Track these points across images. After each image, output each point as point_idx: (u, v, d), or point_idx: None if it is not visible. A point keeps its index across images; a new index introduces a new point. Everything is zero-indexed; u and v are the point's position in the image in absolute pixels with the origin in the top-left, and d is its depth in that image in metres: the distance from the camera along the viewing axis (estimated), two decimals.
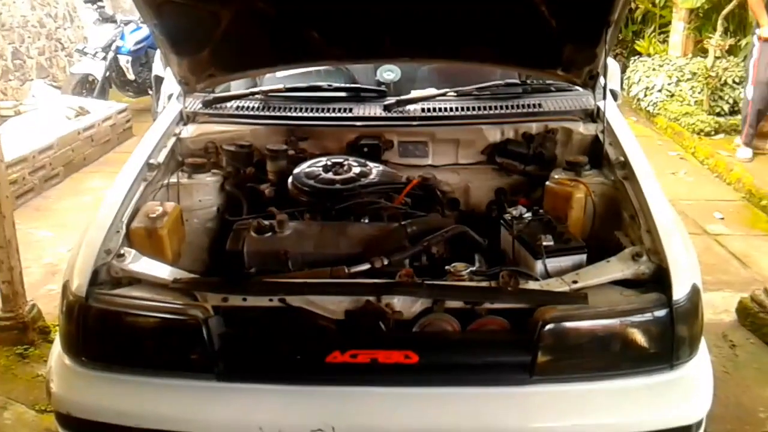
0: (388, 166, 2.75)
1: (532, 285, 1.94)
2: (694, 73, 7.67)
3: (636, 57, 8.82)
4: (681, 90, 7.68)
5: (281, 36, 2.57)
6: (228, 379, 1.87)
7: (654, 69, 8.13)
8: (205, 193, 2.56)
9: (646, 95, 8.03)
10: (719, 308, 3.67)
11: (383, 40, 2.59)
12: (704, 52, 7.89)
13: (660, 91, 7.82)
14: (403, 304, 1.90)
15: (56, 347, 2.05)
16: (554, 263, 2.06)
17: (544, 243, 2.05)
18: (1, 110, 7.91)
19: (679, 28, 8.39)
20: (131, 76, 8.39)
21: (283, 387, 1.87)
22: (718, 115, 7.24)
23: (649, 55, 8.70)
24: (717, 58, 7.27)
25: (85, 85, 8.15)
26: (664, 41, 8.94)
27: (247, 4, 2.37)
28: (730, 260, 4.36)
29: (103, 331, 1.94)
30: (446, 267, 2.01)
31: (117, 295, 1.95)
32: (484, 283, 1.95)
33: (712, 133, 6.94)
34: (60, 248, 4.56)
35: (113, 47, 8.16)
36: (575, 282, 1.93)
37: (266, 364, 1.90)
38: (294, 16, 2.48)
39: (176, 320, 1.88)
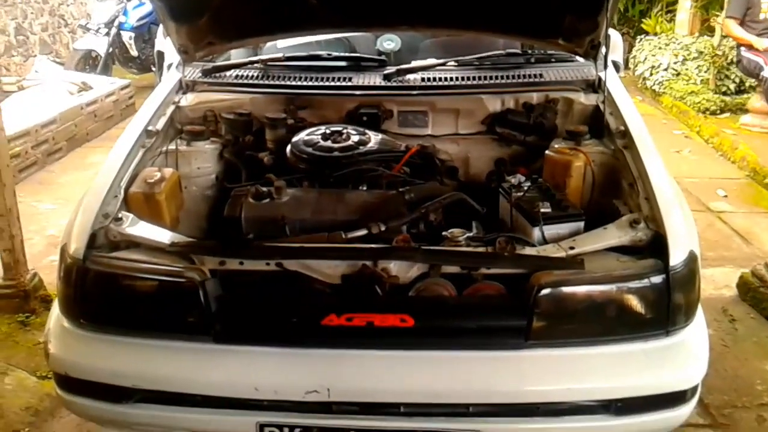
0: (388, 135, 2.74)
1: (528, 250, 1.93)
2: (701, 52, 7.62)
3: (642, 36, 8.76)
4: (687, 69, 7.63)
5: (280, 3, 2.55)
6: (224, 341, 1.88)
7: (660, 48, 8.08)
8: (203, 160, 2.56)
9: (651, 74, 7.99)
10: (720, 283, 3.67)
11: (383, 8, 2.57)
12: (711, 31, 7.83)
13: (666, 70, 7.78)
14: (400, 269, 1.90)
15: (54, 310, 2.06)
16: (552, 230, 2.05)
17: (542, 210, 2.05)
18: (4, 85, 7.93)
19: (686, 7, 8.33)
20: (134, 53, 8.37)
21: (279, 349, 1.87)
22: (724, 94, 7.20)
23: (655, 34, 8.63)
24: (723, 36, 7.21)
25: (88, 61, 8.14)
26: (671, 20, 8.87)
27: None
28: (732, 237, 4.35)
29: (100, 293, 1.95)
30: (443, 233, 2.01)
31: (114, 257, 1.96)
32: (480, 249, 1.95)
33: (718, 111, 6.90)
34: (63, 220, 4.50)
35: (116, 23, 8.15)
36: (572, 248, 1.92)
37: (262, 327, 1.90)
38: None
39: (173, 282, 1.89)
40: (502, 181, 2.59)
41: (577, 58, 2.80)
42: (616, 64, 3.25)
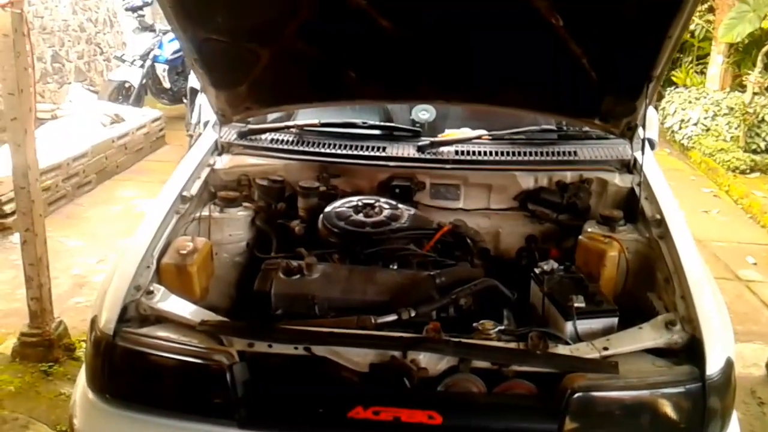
0: (419, 207, 2.74)
1: (561, 349, 1.90)
2: (731, 108, 7.57)
3: (672, 87, 8.73)
4: (717, 125, 7.58)
5: (319, 74, 2.57)
6: (249, 426, 1.86)
7: (690, 102, 8.05)
8: (235, 227, 2.57)
9: (681, 128, 7.95)
10: (748, 361, 3.59)
11: (420, 81, 2.58)
12: (742, 87, 7.78)
13: (696, 124, 7.74)
14: (429, 361, 1.88)
15: (81, 379, 2.06)
16: (585, 325, 2.02)
17: (576, 304, 2.02)
18: (38, 113, 8.04)
19: (717, 61, 8.30)
20: (167, 85, 8.51)
21: None
22: (755, 152, 7.14)
23: (685, 86, 8.61)
24: (755, 94, 7.18)
25: (122, 92, 8.28)
26: (702, 72, 8.84)
27: (287, 44, 2.37)
28: (762, 309, 4.28)
29: (128, 369, 1.95)
30: (474, 324, 1.99)
31: (143, 335, 1.96)
32: (512, 344, 1.92)
33: (748, 171, 6.84)
34: (89, 259, 4.63)
35: (151, 56, 8.30)
36: (606, 348, 1.89)
37: (288, 415, 1.88)
38: (332, 55, 2.48)
39: (201, 364, 1.88)
40: (533, 259, 2.59)
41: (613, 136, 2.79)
42: (651, 142, 3.23)
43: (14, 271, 4.02)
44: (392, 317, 2.05)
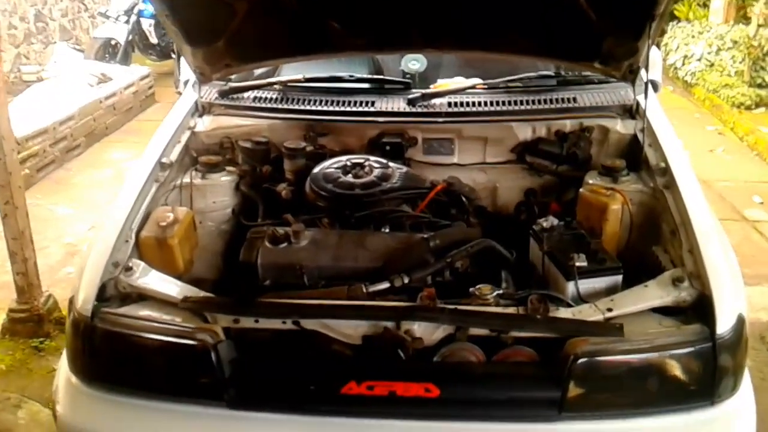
0: (412, 164, 2.61)
1: (563, 312, 1.80)
2: (735, 42, 7.35)
3: (674, 22, 8.47)
4: (721, 59, 7.37)
5: (300, 26, 2.41)
6: (239, 407, 1.78)
7: (693, 36, 7.82)
8: (219, 194, 2.45)
9: (684, 64, 7.74)
10: (757, 305, 3.50)
11: (409, 30, 2.42)
12: (747, 20, 7.52)
13: (699, 60, 7.52)
14: (424, 331, 1.78)
15: (63, 363, 1.97)
16: (587, 284, 1.92)
17: (577, 263, 1.91)
18: (24, 75, 7.89)
19: None
20: (154, 40, 8.29)
21: (297, 417, 1.77)
22: (760, 87, 6.93)
23: (688, 20, 8.34)
24: (760, 26, 6.92)
25: (108, 50, 8.07)
26: (705, 5, 8.55)
27: None
28: None
29: (108, 352, 1.87)
30: (470, 289, 1.89)
31: (123, 315, 1.86)
32: (511, 309, 1.82)
33: (753, 106, 6.65)
34: (81, 226, 4.52)
35: (136, 10, 8.08)
36: (610, 310, 1.79)
37: (278, 393, 1.80)
38: (313, 5, 2.31)
39: (184, 345, 1.79)
40: (532, 214, 2.48)
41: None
42: (654, 84, 3.07)
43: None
44: (384, 285, 1.95)
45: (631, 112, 2.60)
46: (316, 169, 2.41)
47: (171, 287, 1.93)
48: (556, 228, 2.13)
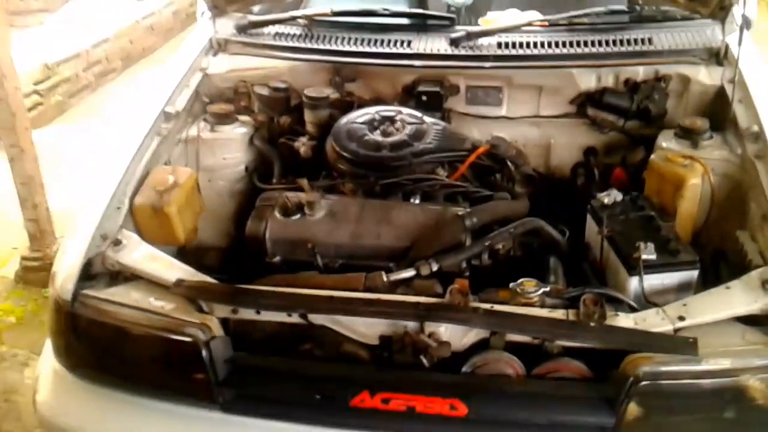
0: (452, 116, 2.27)
1: (623, 319, 1.47)
2: None
3: None
4: None
5: None
6: (233, 411, 1.55)
7: None
8: (230, 149, 2.16)
9: None
10: None
11: None
12: None
13: None
14: (452, 334, 1.50)
15: (47, 347, 1.77)
16: (654, 281, 1.59)
17: (644, 256, 1.57)
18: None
19: None
20: None
21: (298, 427, 1.53)
22: None
23: None
24: None
25: None
26: None
27: None
28: None
29: (91, 341, 1.64)
30: (510, 285, 1.57)
31: (106, 300, 1.62)
32: (559, 312, 1.50)
33: None
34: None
35: None
36: (682, 318, 1.45)
37: (279, 399, 1.55)
38: None
39: (173, 340, 1.54)
40: (590, 178, 2.14)
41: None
42: (747, 20, 2.59)
43: None
44: (409, 272, 1.66)
45: (718, 56, 2.17)
46: (339, 123, 2.09)
47: (164, 266, 1.67)
48: (620, 205, 1.78)
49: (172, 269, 1.66)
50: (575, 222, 1.90)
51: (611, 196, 1.79)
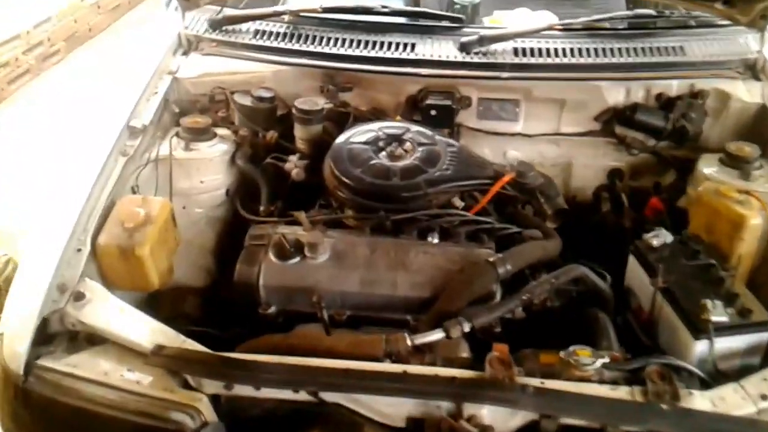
0: (462, 132, 2.00)
1: (698, 399, 1.24)
2: None
3: None
4: None
5: None
6: None
7: None
8: (208, 171, 1.85)
9: None
10: None
11: None
12: None
13: None
14: (495, 416, 1.24)
15: None
16: (723, 344, 1.37)
17: (713, 318, 1.34)
18: None
19: None
20: None
21: None
22: None
23: None
24: None
25: None
26: None
27: None
28: None
29: (49, 425, 1.33)
30: (561, 354, 1.33)
31: (69, 374, 1.31)
32: (623, 391, 1.26)
33: None
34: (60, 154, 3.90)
35: None
36: (764, 397, 1.24)
37: None
38: None
39: (154, 428, 1.25)
40: (616, 203, 1.91)
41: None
42: None
43: None
44: (438, 334, 1.38)
45: (754, 70, 1.96)
46: (338, 141, 1.79)
47: (138, 326, 1.37)
48: (669, 248, 1.55)
49: (148, 330, 1.37)
50: (600, 252, 1.68)
51: (660, 238, 1.56)
